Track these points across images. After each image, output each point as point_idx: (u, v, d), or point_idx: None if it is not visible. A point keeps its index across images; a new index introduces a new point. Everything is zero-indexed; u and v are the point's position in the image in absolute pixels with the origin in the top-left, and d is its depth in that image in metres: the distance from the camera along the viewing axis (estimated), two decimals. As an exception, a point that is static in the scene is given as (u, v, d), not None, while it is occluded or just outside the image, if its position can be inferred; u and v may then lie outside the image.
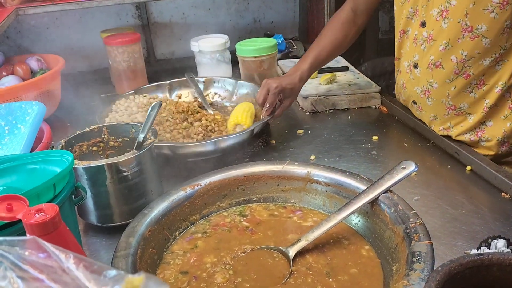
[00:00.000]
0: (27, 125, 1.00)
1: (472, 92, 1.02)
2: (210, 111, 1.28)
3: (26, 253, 0.30)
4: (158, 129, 1.13)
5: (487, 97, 1.02)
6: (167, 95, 1.41)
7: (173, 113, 1.19)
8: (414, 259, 0.61)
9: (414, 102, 1.17)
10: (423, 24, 1.05)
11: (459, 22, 0.96)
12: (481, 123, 1.05)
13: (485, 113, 1.03)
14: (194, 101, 1.36)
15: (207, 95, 1.41)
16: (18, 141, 0.96)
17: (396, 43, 1.21)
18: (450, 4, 0.96)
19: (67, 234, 0.49)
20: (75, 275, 0.28)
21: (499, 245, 0.61)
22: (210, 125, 1.15)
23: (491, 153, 1.06)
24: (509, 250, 0.61)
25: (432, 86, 1.07)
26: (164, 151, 1.02)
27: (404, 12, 1.11)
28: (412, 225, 0.67)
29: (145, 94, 1.36)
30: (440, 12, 0.99)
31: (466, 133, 1.07)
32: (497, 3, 0.91)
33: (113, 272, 0.28)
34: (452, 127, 1.09)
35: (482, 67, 0.99)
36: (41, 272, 0.29)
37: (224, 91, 1.41)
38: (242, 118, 1.13)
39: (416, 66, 1.11)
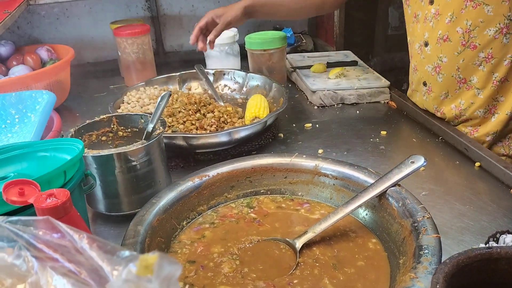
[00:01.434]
0: (37, 114, 1.01)
1: (480, 65, 1.05)
2: (221, 103, 1.29)
3: (41, 232, 0.30)
4: (171, 120, 1.14)
5: (496, 71, 1.04)
6: (177, 87, 1.42)
7: (186, 104, 1.19)
8: (421, 252, 0.60)
9: (424, 84, 1.19)
10: (431, 2, 1.09)
11: None
12: (493, 98, 1.07)
13: (496, 87, 1.05)
14: (204, 93, 1.36)
15: (217, 87, 1.42)
16: (29, 130, 0.97)
17: (408, 33, 1.24)
18: None
19: (78, 219, 0.49)
20: (88, 255, 0.29)
21: (508, 239, 0.61)
22: (222, 117, 1.15)
23: (499, 128, 1.09)
24: (517, 245, 0.61)
25: (442, 61, 1.09)
26: (178, 142, 1.03)
27: None
28: (420, 218, 0.66)
29: (155, 86, 1.37)
30: None
31: (478, 110, 1.09)
32: None
33: (126, 253, 0.28)
34: (463, 104, 1.11)
35: (487, 38, 1.01)
36: (55, 251, 0.29)
37: (234, 83, 1.41)
38: (260, 111, 1.15)
39: (426, 44, 1.13)
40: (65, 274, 0.29)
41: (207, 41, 1.29)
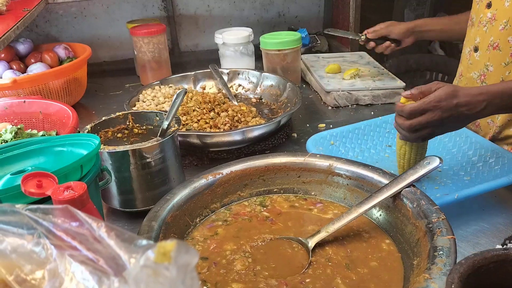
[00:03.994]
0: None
1: None
2: (235, 103, 1.29)
3: (59, 221, 0.31)
4: (186, 119, 1.15)
5: None
6: (192, 86, 1.42)
7: (200, 103, 1.20)
8: (436, 253, 0.60)
9: None
10: (489, 5, 1.05)
11: None
12: None
13: None
14: (219, 93, 1.37)
15: (231, 86, 1.42)
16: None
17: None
18: None
19: (94, 212, 0.50)
20: (106, 243, 0.29)
21: (526, 241, 0.60)
22: (236, 116, 1.16)
23: None
24: (535, 248, 0.60)
25: (488, 70, 1.06)
26: (192, 140, 1.03)
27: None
28: (435, 220, 0.66)
29: (170, 85, 1.38)
30: None
31: None
32: None
33: (144, 241, 0.29)
34: (499, 120, 1.07)
35: None
36: (74, 239, 0.30)
37: (248, 83, 1.42)
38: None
39: (476, 50, 1.10)
40: (83, 261, 0.29)
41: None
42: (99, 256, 0.29)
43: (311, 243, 0.71)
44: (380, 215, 0.77)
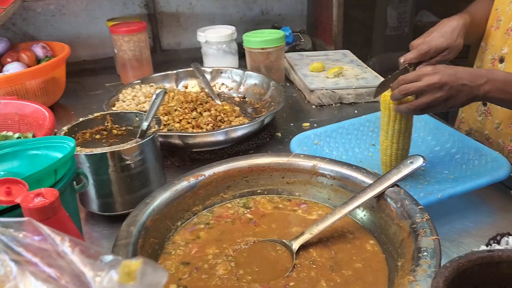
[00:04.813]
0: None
1: None
2: (218, 102, 1.27)
3: (21, 235, 0.29)
4: (167, 119, 1.12)
5: None
6: (174, 85, 1.40)
7: (182, 102, 1.17)
8: (420, 254, 0.59)
9: (484, 103, 1.06)
10: None
11: None
12: None
13: None
14: (201, 92, 1.34)
15: (214, 85, 1.40)
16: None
17: (484, 37, 1.08)
18: None
19: (67, 220, 0.48)
20: (70, 259, 0.27)
21: (511, 241, 0.60)
22: (219, 115, 1.14)
23: None
24: (519, 247, 0.60)
25: None
26: (173, 141, 1.01)
27: None
28: (419, 220, 0.65)
29: (151, 84, 1.35)
30: None
31: None
32: None
33: (109, 257, 0.27)
34: None
35: None
36: (35, 255, 0.28)
37: (232, 81, 1.40)
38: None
39: (502, 61, 1.00)
40: (45, 279, 0.27)
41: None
42: (62, 273, 0.27)
43: (295, 245, 0.70)
44: (364, 215, 0.76)
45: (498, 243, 0.63)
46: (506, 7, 0.98)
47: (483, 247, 0.64)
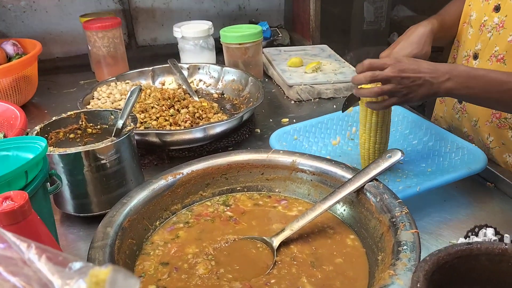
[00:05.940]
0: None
1: None
2: (196, 98, 1.25)
3: (-17, 243, 0.27)
4: (144, 116, 1.10)
5: None
6: (150, 82, 1.38)
7: (159, 99, 1.15)
8: (400, 248, 0.59)
9: (459, 101, 1.06)
10: (497, 9, 0.91)
11: None
12: None
13: None
14: (178, 88, 1.32)
15: (192, 82, 1.38)
16: None
17: (457, 31, 1.06)
18: None
19: (39, 224, 0.46)
20: (37, 267, 0.25)
21: (489, 233, 0.60)
22: (197, 112, 1.12)
23: None
24: (496, 238, 0.61)
25: None
26: (151, 139, 0.99)
27: None
28: (398, 214, 0.65)
29: (127, 81, 1.33)
30: None
31: (508, 154, 0.96)
32: None
33: (78, 264, 0.25)
34: (491, 141, 0.97)
35: None
36: (-1, 264, 0.26)
37: (210, 78, 1.38)
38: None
39: (475, 57, 0.97)
40: (10, 290, 0.26)
41: None
42: (28, 282, 0.26)
43: (276, 242, 0.69)
44: (344, 210, 0.76)
45: (476, 235, 0.63)
46: (480, 3, 0.97)
47: (462, 240, 0.65)
